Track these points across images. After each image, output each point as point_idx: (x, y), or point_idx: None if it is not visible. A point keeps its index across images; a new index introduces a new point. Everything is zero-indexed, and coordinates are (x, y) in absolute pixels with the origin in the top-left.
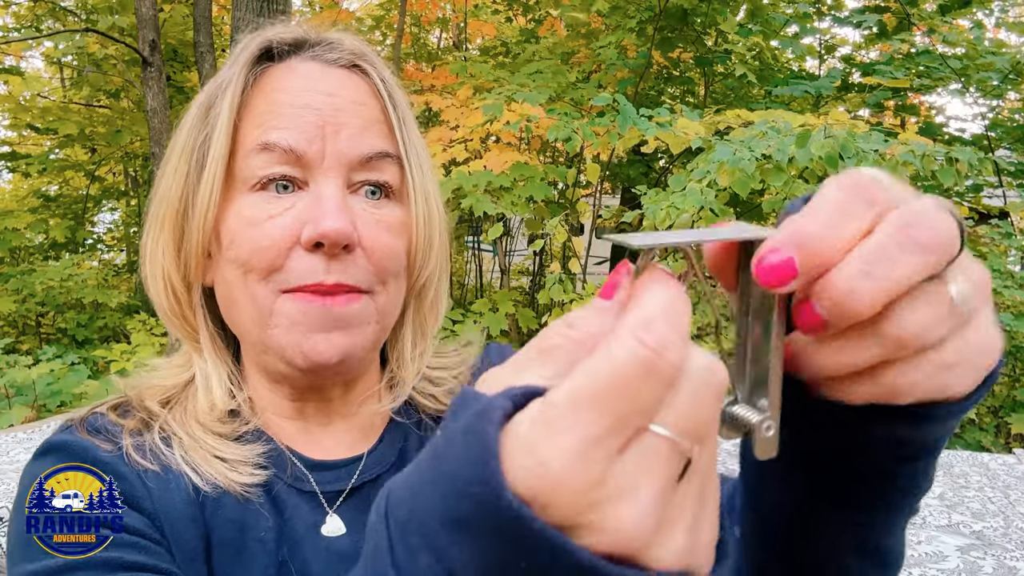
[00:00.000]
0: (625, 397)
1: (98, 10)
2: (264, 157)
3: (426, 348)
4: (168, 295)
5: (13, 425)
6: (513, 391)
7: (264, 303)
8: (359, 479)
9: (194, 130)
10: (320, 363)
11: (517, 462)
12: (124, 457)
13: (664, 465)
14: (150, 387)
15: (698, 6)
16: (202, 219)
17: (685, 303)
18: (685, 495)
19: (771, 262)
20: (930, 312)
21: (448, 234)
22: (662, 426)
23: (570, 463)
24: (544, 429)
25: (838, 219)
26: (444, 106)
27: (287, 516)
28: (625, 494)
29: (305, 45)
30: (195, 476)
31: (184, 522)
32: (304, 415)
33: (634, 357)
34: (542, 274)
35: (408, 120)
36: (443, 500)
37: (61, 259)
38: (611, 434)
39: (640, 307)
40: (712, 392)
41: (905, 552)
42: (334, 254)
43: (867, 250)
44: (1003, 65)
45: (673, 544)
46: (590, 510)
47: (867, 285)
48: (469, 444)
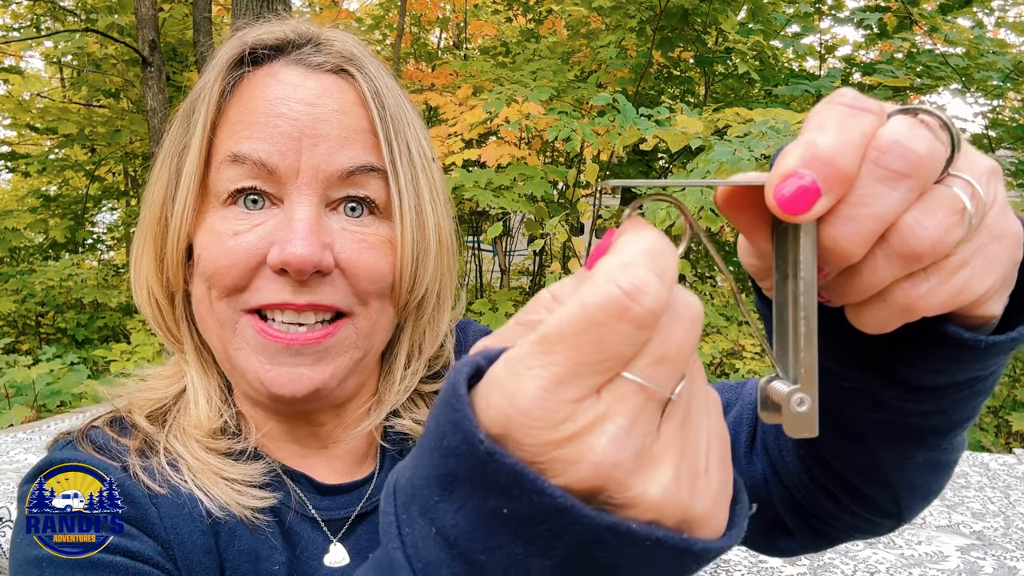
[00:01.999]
0: (594, 340)
1: (98, 10)
2: (235, 170)
3: (420, 366)
4: (152, 306)
5: (13, 425)
6: (488, 351)
7: (227, 322)
8: (365, 506)
9: (176, 138)
10: (283, 396)
11: (491, 400)
12: (133, 478)
13: (639, 405)
14: (140, 401)
15: (698, 6)
16: (176, 233)
17: (667, 247)
18: (667, 431)
19: (791, 188)
20: (938, 220)
21: (454, 248)
22: (635, 373)
23: (536, 398)
24: (514, 367)
25: (843, 128)
26: (443, 103)
27: (299, 550)
28: (596, 427)
29: (289, 47)
30: (207, 500)
31: (199, 554)
32: (297, 438)
33: (607, 300)
34: (542, 274)
35: (402, 130)
36: (431, 462)
37: (61, 259)
38: (580, 376)
39: (618, 251)
40: (683, 324)
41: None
42: (303, 280)
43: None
44: (1004, 65)
45: (660, 477)
46: (563, 444)
47: (851, 228)
48: (442, 399)
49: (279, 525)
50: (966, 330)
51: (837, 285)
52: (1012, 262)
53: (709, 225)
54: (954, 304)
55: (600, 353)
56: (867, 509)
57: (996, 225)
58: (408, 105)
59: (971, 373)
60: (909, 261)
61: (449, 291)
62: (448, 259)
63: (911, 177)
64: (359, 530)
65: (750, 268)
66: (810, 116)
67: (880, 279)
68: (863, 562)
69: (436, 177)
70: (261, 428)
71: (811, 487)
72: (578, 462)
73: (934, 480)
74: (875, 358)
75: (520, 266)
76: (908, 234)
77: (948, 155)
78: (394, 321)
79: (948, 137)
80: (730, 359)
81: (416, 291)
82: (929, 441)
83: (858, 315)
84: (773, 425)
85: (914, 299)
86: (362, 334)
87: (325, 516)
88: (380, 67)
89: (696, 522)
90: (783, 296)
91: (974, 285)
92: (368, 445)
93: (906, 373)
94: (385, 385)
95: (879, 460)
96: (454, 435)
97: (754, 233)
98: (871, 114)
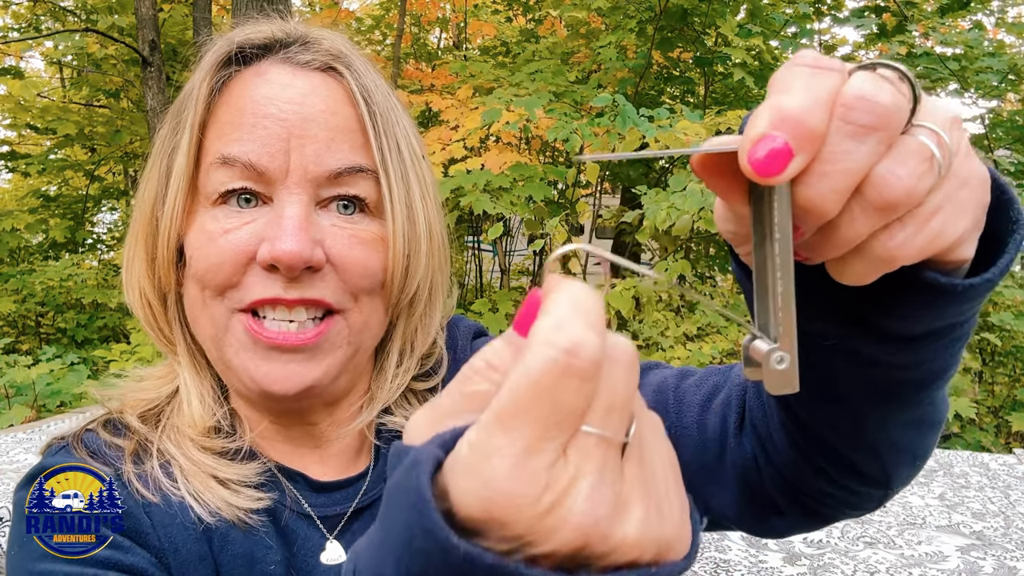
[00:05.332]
0: (548, 404)
1: (98, 10)
2: (225, 172)
3: (412, 364)
4: (144, 306)
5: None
6: (442, 436)
7: (220, 322)
8: (361, 501)
9: (166, 139)
10: (276, 394)
11: (464, 486)
12: (126, 485)
13: (602, 456)
14: (133, 401)
15: (698, 6)
16: (167, 234)
17: (591, 298)
18: (630, 471)
19: (764, 151)
20: (909, 168)
21: (445, 245)
22: (591, 424)
23: (512, 476)
24: (482, 450)
25: (808, 87)
26: (444, 106)
27: (296, 548)
28: (572, 488)
29: (276, 46)
30: (197, 506)
31: (194, 562)
32: (290, 437)
33: (550, 363)
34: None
35: (391, 128)
36: (397, 561)
37: (61, 259)
38: (545, 440)
39: (547, 313)
40: (622, 369)
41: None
42: (293, 276)
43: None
44: (1002, 66)
45: (633, 517)
46: (546, 515)
47: (825, 185)
48: (406, 500)
49: (274, 524)
50: (942, 275)
51: (815, 243)
52: (981, 205)
53: (709, 227)
54: (930, 250)
55: (556, 413)
56: (854, 480)
57: (962, 171)
58: (397, 103)
59: (949, 319)
60: (885, 212)
61: (441, 288)
62: (439, 256)
63: (879, 130)
64: (355, 526)
65: (727, 235)
66: (773, 80)
67: (857, 232)
68: (863, 562)
69: (426, 174)
70: (255, 427)
71: (799, 462)
72: (562, 528)
73: (919, 440)
74: (855, 314)
75: (520, 266)
76: (881, 185)
77: (911, 107)
78: (386, 319)
79: (909, 88)
80: (730, 359)
81: (408, 288)
82: (912, 395)
83: (838, 269)
84: (759, 405)
85: (891, 249)
86: (354, 330)
87: (320, 513)
88: (368, 65)
89: (669, 546)
90: (761, 257)
91: (948, 231)
92: (361, 442)
93: (886, 324)
94: (377, 383)
95: (864, 422)
96: (425, 539)
97: (731, 197)
98: (834, 72)
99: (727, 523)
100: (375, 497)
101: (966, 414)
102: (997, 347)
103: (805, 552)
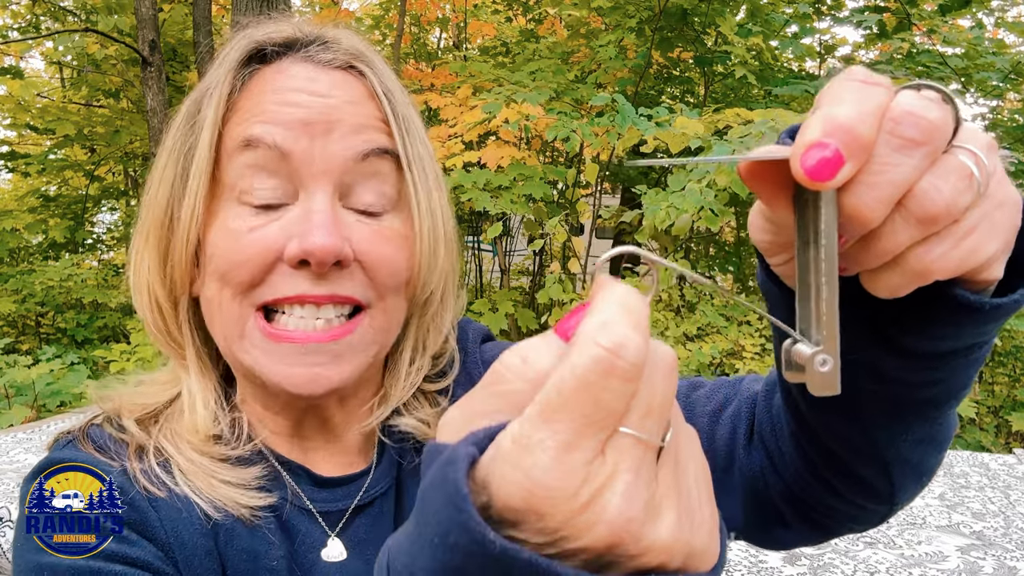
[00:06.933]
0: (591, 401)
1: (98, 10)
2: (248, 155)
3: (424, 363)
4: (153, 310)
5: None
6: (475, 435)
7: (237, 323)
8: (363, 498)
9: (180, 137)
10: (302, 396)
11: (507, 476)
12: (132, 480)
13: (639, 457)
14: (130, 405)
15: (698, 6)
16: (186, 233)
17: (638, 300)
18: (664, 476)
19: (816, 158)
20: (951, 184)
21: (455, 245)
22: (630, 427)
23: (552, 469)
24: (525, 443)
25: (859, 100)
26: (443, 104)
27: (297, 543)
28: (608, 486)
29: (297, 44)
30: (201, 502)
31: (200, 556)
32: (303, 432)
33: (595, 361)
34: (542, 274)
35: (412, 126)
36: (433, 556)
37: (61, 259)
38: (585, 438)
39: (595, 313)
40: (662, 374)
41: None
42: (322, 272)
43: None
44: (1003, 65)
45: (666, 522)
46: (583, 510)
47: (871, 194)
48: (442, 496)
49: (276, 519)
50: (971, 294)
51: (854, 252)
52: (1012, 227)
53: (709, 226)
54: (964, 267)
55: (597, 412)
56: (861, 494)
57: (998, 193)
58: (412, 103)
59: (970, 339)
60: (925, 224)
61: (452, 288)
62: (452, 256)
63: (925, 144)
64: (356, 522)
65: (761, 244)
66: (823, 92)
67: (897, 244)
68: (863, 562)
69: (439, 174)
70: (267, 427)
71: (807, 476)
72: (597, 524)
73: (928, 458)
74: (879, 330)
75: (520, 266)
76: (924, 198)
77: (953, 127)
78: (402, 320)
79: (952, 110)
80: (730, 359)
81: (427, 287)
82: (926, 413)
83: (873, 281)
84: (769, 418)
85: (928, 262)
86: (379, 329)
87: (322, 508)
88: (386, 64)
89: (697, 556)
90: (804, 263)
91: (982, 249)
92: (366, 439)
93: (909, 341)
94: (391, 380)
95: (876, 437)
96: (461, 535)
97: (775, 203)
98: (883, 88)
99: (732, 534)
100: (377, 494)
101: (966, 414)
102: (997, 347)
103: (805, 552)
